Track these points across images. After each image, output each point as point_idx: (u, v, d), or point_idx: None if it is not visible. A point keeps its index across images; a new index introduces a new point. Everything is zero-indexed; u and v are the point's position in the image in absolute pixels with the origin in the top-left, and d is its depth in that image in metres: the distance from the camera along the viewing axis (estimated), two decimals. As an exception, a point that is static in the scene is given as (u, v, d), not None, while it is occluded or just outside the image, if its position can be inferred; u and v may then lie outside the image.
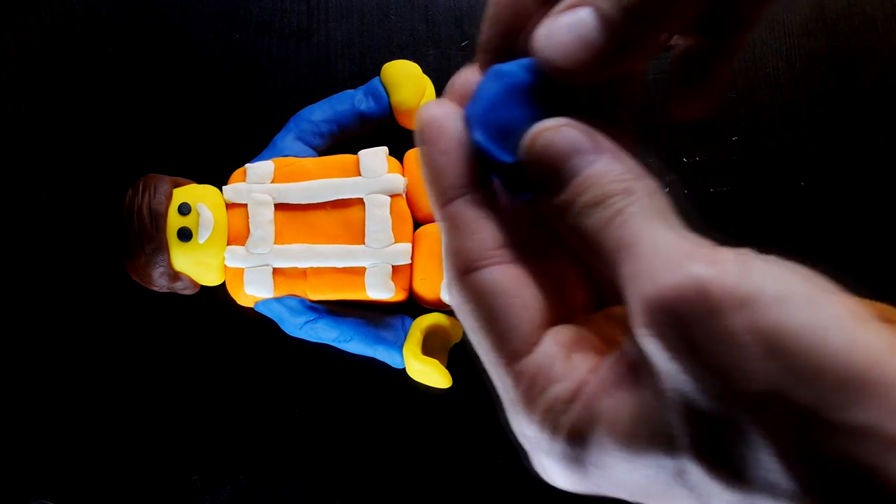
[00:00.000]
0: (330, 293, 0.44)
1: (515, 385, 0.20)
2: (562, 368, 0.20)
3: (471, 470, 0.46)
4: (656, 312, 0.17)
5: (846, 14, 0.47)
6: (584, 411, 0.19)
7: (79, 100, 0.48)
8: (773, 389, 0.16)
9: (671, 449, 0.18)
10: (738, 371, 0.16)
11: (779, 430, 0.16)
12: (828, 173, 0.47)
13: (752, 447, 0.16)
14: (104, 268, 0.47)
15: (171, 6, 0.48)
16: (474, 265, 0.20)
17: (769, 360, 0.16)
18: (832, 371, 0.16)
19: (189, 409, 0.47)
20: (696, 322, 0.17)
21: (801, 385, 0.16)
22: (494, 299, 0.20)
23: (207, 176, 0.46)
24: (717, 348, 0.16)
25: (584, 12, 0.19)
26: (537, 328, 0.20)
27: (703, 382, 0.17)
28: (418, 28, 0.48)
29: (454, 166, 0.21)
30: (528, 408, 0.20)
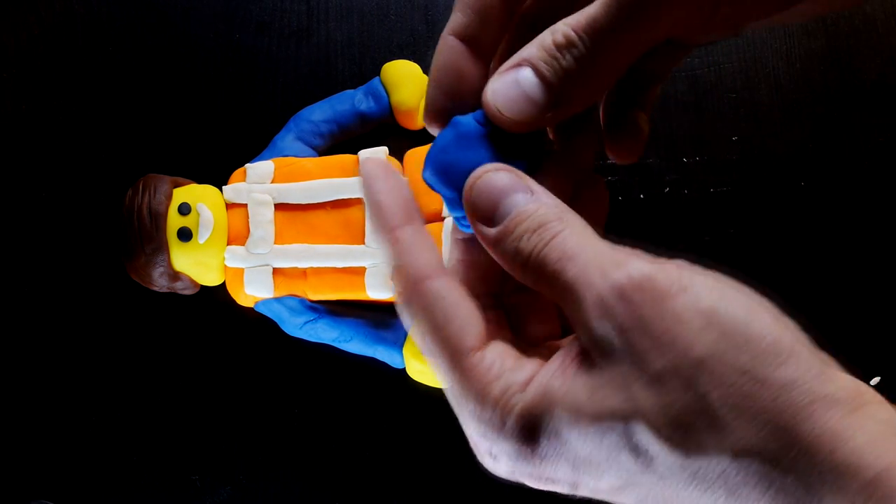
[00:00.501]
0: (330, 293, 0.44)
1: (468, 377, 0.22)
2: (512, 364, 0.22)
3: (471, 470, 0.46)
4: (613, 300, 0.20)
5: (846, 14, 0.47)
6: (538, 394, 0.21)
7: (79, 100, 0.48)
8: (713, 353, 0.19)
9: (625, 414, 0.20)
10: (683, 340, 0.19)
11: (722, 387, 0.19)
12: (828, 173, 0.47)
13: (696, 402, 0.19)
14: (104, 268, 0.47)
15: (171, 6, 0.48)
16: (424, 276, 0.23)
17: (708, 332, 0.19)
18: (763, 339, 0.19)
19: (189, 409, 0.47)
20: (647, 305, 0.20)
21: (737, 350, 0.19)
22: (446, 303, 0.22)
23: (207, 176, 0.46)
24: (665, 324, 0.20)
25: (526, 71, 0.23)
26: (484, 334, 0.22)
27: (656, 352, 0.20)
28: (418, 28, 0.48)
29: (401, 199, 0.24)
30: (482, 395, 0.22)
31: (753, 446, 0.19)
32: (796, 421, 0.19)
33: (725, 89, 0.47)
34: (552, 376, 0.21)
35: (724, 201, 0.47)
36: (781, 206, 0.47)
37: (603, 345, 0.20)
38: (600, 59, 0.22)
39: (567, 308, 0.21)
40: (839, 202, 0.47)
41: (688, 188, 0.47)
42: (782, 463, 0.18)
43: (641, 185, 0.47)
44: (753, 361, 0.19)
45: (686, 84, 0.47)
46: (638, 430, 0.20)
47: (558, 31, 0.22)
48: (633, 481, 0.20)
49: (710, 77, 0.47)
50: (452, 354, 0.22)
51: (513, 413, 0.21)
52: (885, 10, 0.47)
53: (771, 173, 0.47)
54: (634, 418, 0.20)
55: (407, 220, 0.24)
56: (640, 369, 0.20)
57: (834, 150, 0.47)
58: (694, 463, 0.19)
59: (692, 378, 0.19)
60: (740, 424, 0.19)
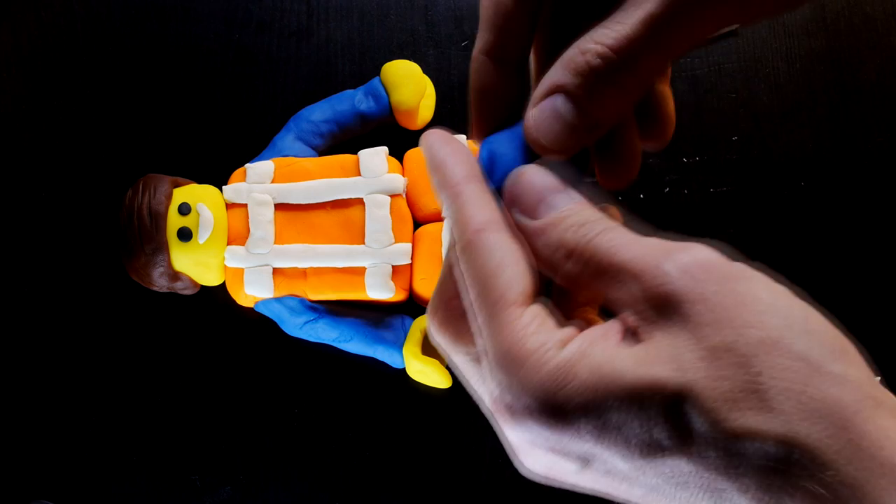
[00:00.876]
0: (330, 293, 0.44)
1: (505, 328, 0.22)
2: (552, 324, 0.22)
3: (470, 470, 0.46)
4: (676, 273, 0.20)
5: (846, 14, 0.47)
6: (576, 353, 0.21)
7: (79, 100, 0.48)
8: (773, 336, 0.19)
9: (673, 384, 0.19)
10: (744, 319, 0.19)
11: (777, 370, 0.19)
12: (828, 173, 0.47)
13: (751, 379, 0.19)
14: (104, 268, 0.47)
15: (171, 6, 0.48)
16: (483, 227, 0.23)
17: (770, 316, 0.20)
18: (821, 333, 0.20)
19: (189, 409, 0.47)
20: (711, 282, 0.20)
21: (796, 337, 0.19)
22: (499, 254, 0.22)
23: (207, 176, 0.46)
24: (728, 302, 0.20)
25: (561, 100, 0.23)
26: (531, 292, 0.22)
27: (715, 326, 0.19)
28: (418, 28, 0.48)
29: (467, 158, 0.24)
30: (514, 346, 0.21)
31: (800, 434, 0.18)
32: (847, 414, 0.18)
33: (725, 89, 0.47)
34: (593, 341, 0.21)
35: (724, 201, 0.47)
36: (781, 206, 0.47)
37: (657, 315, 0.20)
38: (637, 75, 0.22)
39: (616, 289, 0.21)
40: (839, 202, 0.47)
41: (688, 188, 0.47)
42: (827, 454, 0.18)
43: (641, 185, 0.47)
44: (810, 350, 0.19)
45: (686, 84, 0.47)
46: (684, 402, 0.19)
47: (590, 51, 0.22)
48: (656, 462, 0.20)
49: (710, 77, 0.47)
50: (494, 304, 0.22)
51: (545, 367, 0.21)
52: (885, 10, 0.47)
53: (771, 173, 0.47)
54: (682, 390, 0.19)
55: (471, 178, 0.24)
56: (695, 342, 0.20)
57: (834, 150, 0.47)
58: (736, 443, 0.19)
59: (749, 357, 0.19)
60: (790, 410, 0.19)
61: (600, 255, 0.22)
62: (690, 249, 0.21)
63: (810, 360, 0.19)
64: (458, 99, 0.47)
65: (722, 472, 0.19)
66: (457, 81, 0.47)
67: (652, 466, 0.20)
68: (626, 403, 0.20)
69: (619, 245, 0.21)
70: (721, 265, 0.20)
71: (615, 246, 0.21)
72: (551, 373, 0.21)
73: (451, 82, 0.47)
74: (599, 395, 0.20)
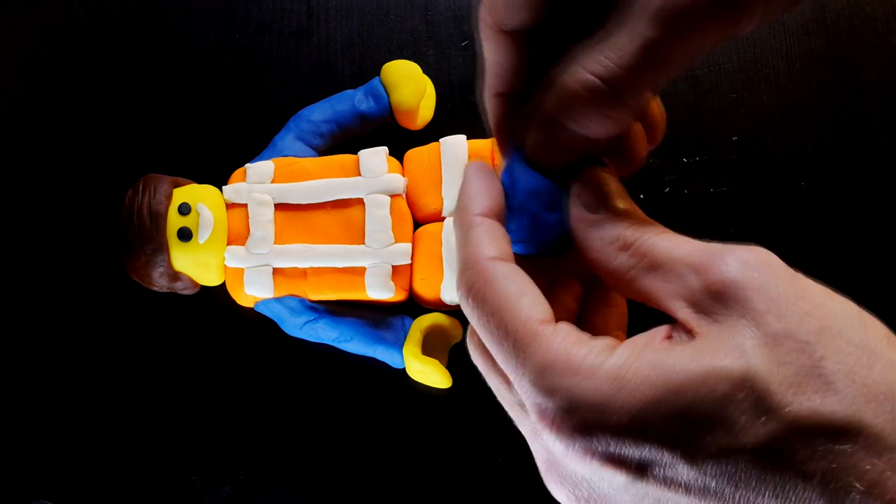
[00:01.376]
0: (330, 293, 0.44)
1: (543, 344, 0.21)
2: (587, 337, 0.21)
3: (470, 470, 0.46)
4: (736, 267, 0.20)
5: (846, 14, 0.47)
6: (630, 353, 0.20)
7: (79, 100, 0.48)
8: (832, 324, 0.20)
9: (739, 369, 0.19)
10: (803, 308, 0.20)
11: (840, 355, 0.19)
12: (828, 173, 0.47)
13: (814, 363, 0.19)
14: (104, 268, 0.47)
15: (171, 6, 0.48)
16: (497, 257, 0.23)
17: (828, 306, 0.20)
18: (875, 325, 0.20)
19: (189, 409, 0.47)
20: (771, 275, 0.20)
21: (853, 326, 0.20)
22: (519, 280, 0.22)
23: (207, 176, 0.46)
24: (788, 292, 0.20)
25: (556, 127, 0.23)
26: (552, 314, 0.22)
27: (775, 314, 0.20)
28: (418, 28, 0.48)
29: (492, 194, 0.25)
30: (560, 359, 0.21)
31: (866, 416, 0.19)
32: None
33: (725, 89, 0.47)
34: (644, 345, 0.21)
35: (724, 201, 0.47)
36: (781, 206, 0.47)
37: (716, 304, 0.20)
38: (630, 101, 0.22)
39: (672, 281, 0.21)
40: (839, 202, 0.47)
41: (688, 188, 0.47)
42: (890, 438, 0.18)
43: (641, 185, 0.47)
44: (868, 338, 0.20)
45: (686, 84, 0.47)
46: (749, 388, 0.19)
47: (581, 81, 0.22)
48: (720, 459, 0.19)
49: (710, 77, 0.47)
50: (522, 326, 0.21)
51: (599, 372, 0.20)
52: (885, 10, 0.47)
53: (771, 173, 0.47)
54: (746, 376, 0.19)
55: (491, 214, 0.24)
56: (756, 328, 0.20)
57: (834, 150, 0.47)
58: (802, 426, 0.19)
59: (809, 343, 0.19)
60: (855, 392, 0.19)
61: (658, 250, 0.22)
62: (749, 247, 0.21)
63: (870, 348, 0.19)
64: (458, 99, 0.47)
65: (787, 460, 0.19)
66: (457, 81, 0.47)
67: (715, 464, 0.19)
68: (689, 398, 0.19)
69: (678, 243, 0.22)
70: (778, 263, 0.21)
71: (675, 245, 0.22)
72: (608, 375, 0.20)
73: (451, 82, 0.47)
74: (661, 392, 0.20)
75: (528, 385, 0.21)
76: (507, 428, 0.23)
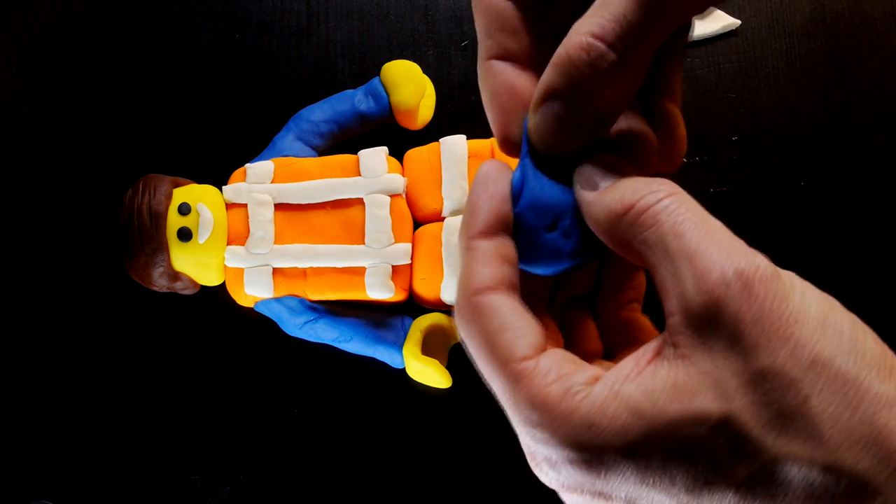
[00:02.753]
0: (330, 293, 0.44)
1: (524, 381, 0.21)
2: (571, 368, 0.21)
3: (471, 470, 0.46)
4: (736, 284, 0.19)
5: (846, 14, 0.47)
6: (606, 391, 0.20)
7: (79, 100, 0.48)
8: (824, 355, 0.19)
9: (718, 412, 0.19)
10: (796, 339, 0.19)
11: (825, 394, 0.19)
12: (828, 173, 0.47)
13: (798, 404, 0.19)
14: (104, 268, 0.47)
15: (171, 6, 0.48)
16: (483, 288, 0.22)
17: (822, 335, 0.19)
18: (869, 352, 0.19)
19: (189, 409, 0.47)
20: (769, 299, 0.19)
21: (846, 357, 0.19)
22: (501, 314, 0.22)
23: (207, 176, 0.46)
24: (783, 321, 0.19)
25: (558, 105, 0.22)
26: (540, 344, 0.22)
27: (767, 348, 0.19)
28: (418, 28, 0.48)
29: (494, 210, 0.23)
30: (539, 398, 0.20)
31: (847, 461, 0.18)
32: (894, 440, 0.18)
33: (725, 89, 0.47)
34: (626, 378, 0.20)
35: (724, 201, 0.47)
36: (781, 206, 0.47)
37: (706, 328, 0.19)
38: (628, 61, 0.21)
39: (671, 275, 0.20)
40: (839, 202, 0.47)
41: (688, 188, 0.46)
42: (875, 481, 0.18)
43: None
44: (859, 371, 0.19)
45: (686, 84, 0.47)
46: (729, 430, 0.19)
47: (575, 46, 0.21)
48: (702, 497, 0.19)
49: (710, 77, 0.47)
50: (504, 362, 0.21)
51: (577, 413, 0.20)
52: (885, 10, 0.47)
53: (771, 173, 0.47)
54: (727, 419, 0.19)
55: (490, 232, 0.23)
56: (744, 363, 0.19)
57: (834, 149, 0.47)
58: (782, 470, 0.19)
59: (798, 379, 0.19)
60: (837, 436, 0.18)
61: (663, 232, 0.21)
62: (752, 256, 0.20)
63: (859, 382, 0.19)
64: (459, 99, 0.47)
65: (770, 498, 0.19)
66: (457, 81, 0.47)
67: (698, 500, 0.19)
68: (669, 441, 0.19)
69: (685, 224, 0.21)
70: (779, 280, 0.20)
71: (680, 224, 0.21)
72: (584, 418, 0.20)
73: (451, 82, 0.47)
74: (640, 435, 0.19)
75: (515, 423, 0.22)
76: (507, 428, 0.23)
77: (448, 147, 0.45)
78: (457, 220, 0.44)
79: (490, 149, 0.44)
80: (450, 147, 0.44)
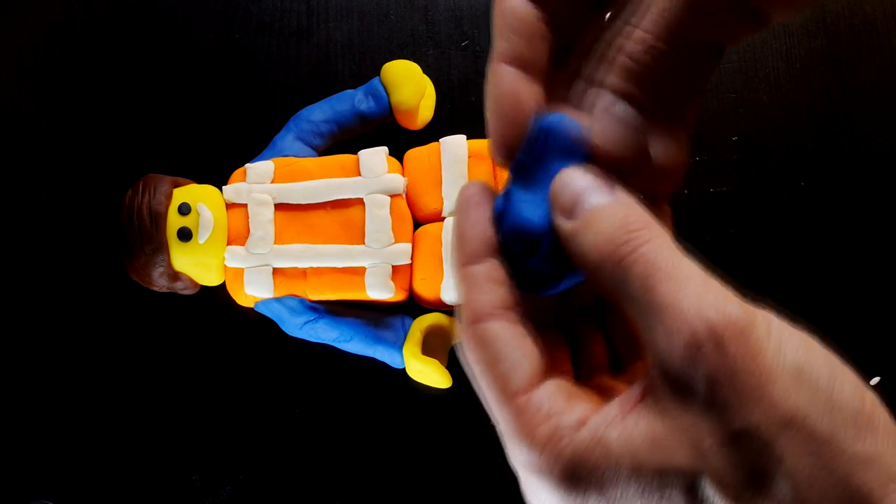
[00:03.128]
0: (330, 293, 0.44)
1: (516, 416, 0.21)
2: (563, 405, 0.21)
3: (471, 470, 0.46)
4: (707, 343, 0.19)
5: (846, 14, 0.47)
6: (591, 440, 0.20)
7: (78, 100, 0.48)
8: (798, 414, 0.19)
9: (693, 469, 0.19)
10: (770, 398, 0.19)
11: (799, 455, 0.18)
12: (828, 173, 0.47)
13: (772, 465, 0.19)
14: (104, 268, 0.47)
15: (171, 6, 0.48)
16: (482, 315, 0.22)
17: (797, 391, 0.19)
18: (847, 407, 0.19)
19: (189, 409, 0.47)
20: (740, 357, 0.19)
21: (821, 414, 0.19)
22: (497, 345, 0.22)
23: (207, 176, 0.46)
24: (756, 381, 0.19)
25: (620, 106, 0.22)
26: (537, 374, 0.22)
27: (741, 409, 0.19)
28: (418, 28, 0.48)
29: (479, 235, 0.23)
30: (528, 436, 0.21)
31: None
32: (871, 501, 0.18)
33: (725, 89, 0.47)
34: (609, 424, 0.20)
35: (724, 201, 0.47)
36: (781, 206, 0.47)
37: (682, 387, 0.20)
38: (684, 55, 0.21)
39: (645, 329, 0.20)
40: (839, 202, 0.47)
41: (688, 188, 0.47)
42: None
43: (641, 185, 0.46)
44: (835, 429, 0.19)
45: (686, 84, 0.47)
46: (704, 486, 0.19)
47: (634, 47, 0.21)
48: None
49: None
50: (500, 394, 0.22)
51: (561, 458, 0.20)
52: (885, 10, 0.47)
53: (771, 173, 0.47)
54: (702, 474, 0.19)
55: (480, 257, 0.23)
56: (718, 423, 0.19)
57: (834, 149, 0.47)
58: None
59: (772, 439, 0.19)
60: (812, 496, 0.18)
61: (635, 280, 0.20)
62: (723, 306, 0.19)
63: (835, 441, 0.18)
64: (458, 99, 0.47)
65: None
66: (457, 81, 0.47)
67: None
68: (647, 491, 0.20)
69: (656, 273, 0.20)
70: (753, 332, 0.19)
71: (652, 273, 0.20)
72: (568, 465, 0.20)
73: (451, 82, 0.47)
74: (619, 484, 0.20)
75: (509, 453, 0.22)
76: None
77: (448, 147, 0.45)
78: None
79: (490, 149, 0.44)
80: (450, 147, 0.45)
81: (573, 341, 0.26)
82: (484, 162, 0.44)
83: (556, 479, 0.20)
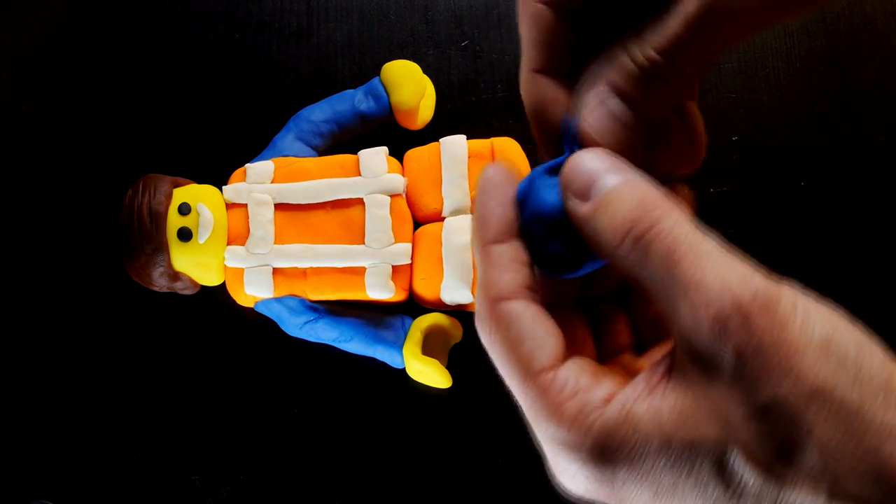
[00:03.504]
0: (330, 293, 0.44)
1: (542, 394, 0.21)
2: (589, 382, 0.21)
3: (471, 470, 0.46)
4: (734, 317, 0.19)
5: (846, 14, 0.47)
6: (620, 414, 0.20)
7: (79, 100, 0.48)
8: (827, 385, 0.19)
9: (722, 442, 0.19)
10: (798, 371, 0.19)
11: (828, 426, 0.19)
12: (828, 173, 0.47)
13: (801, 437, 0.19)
14: (104, 268, 0.47)
15: (171, 6, 0.48)
16: (504, 296, 0.23)
17: (824, 363, 0.19)
18: (875, 378, 0.19)
19: (189, 409, 0.47)
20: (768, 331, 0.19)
21: (849, 385, 0.19)
22: (519, 323, 0.22)
23: (207, 176, 0.46)
24: (783, 353, 0.19)
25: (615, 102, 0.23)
26: (560, 352, 0.22)
27: (768, 381, 0.19)
28: (418, 28, 0.48)
29: (502, 216, 0.24)
30: (556, 413, 0.21)
31: (851, 492, 0.18)
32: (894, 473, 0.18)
33: (725, 89, 0.47)
34: (637, 398, 0.21)
35: (724, 201, 0.47)
36: (781, 206, 0.47)
37: (709, 362, 0.20)
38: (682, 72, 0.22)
39: (669, 306, 0.20)
40: (839, 202, 0.47)
41: (688, 188, 0.47)
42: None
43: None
44: (863, 400, 0.19)
45: (686, 84, 0.47)
46: (734, 458, 0.19)
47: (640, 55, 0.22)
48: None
49: (710, 77, 0.47)
50: (524, 374, 0.22)
51: (591, 433, 0.20)
52: (885, 10, 0.47)
53: (771, 173, 0.47)
54: (731, 447, 0.19)
55: (503, 237, 0.24)
56: (746, 396, 0.19)
57: (834, 149, 0.47)
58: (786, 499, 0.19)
59: (801, 411, 0.19)
60: (842, 467, 0.18)
61: (657, 258, 0.20)
62: (749, 281, 0.20)
63: (863, 412, 0.19)
64: (458, 99, 0.47)
65: None
66: (457, 81, 0.47)
67: None
68: (676, 464, 0.20)
69: (678, 250, 0.20)
70: (779, 306, 0.19)
71: (674, 250, 0.20)
72: (598, 440, 0.20)
73: (451, 82, 0.47)
74: (649, 458, 0.20)
75: (536, 431, 0.22)
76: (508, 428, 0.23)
77: (448, 147, 0.45)
78: (457, 220, 0.44)
79: (490, 149, 0.44)
80: (450, 147, 0.45)
81: (595, 325, 0.27)
82: (484, 162, 0.44)
83: (586, 455, 0.21)
